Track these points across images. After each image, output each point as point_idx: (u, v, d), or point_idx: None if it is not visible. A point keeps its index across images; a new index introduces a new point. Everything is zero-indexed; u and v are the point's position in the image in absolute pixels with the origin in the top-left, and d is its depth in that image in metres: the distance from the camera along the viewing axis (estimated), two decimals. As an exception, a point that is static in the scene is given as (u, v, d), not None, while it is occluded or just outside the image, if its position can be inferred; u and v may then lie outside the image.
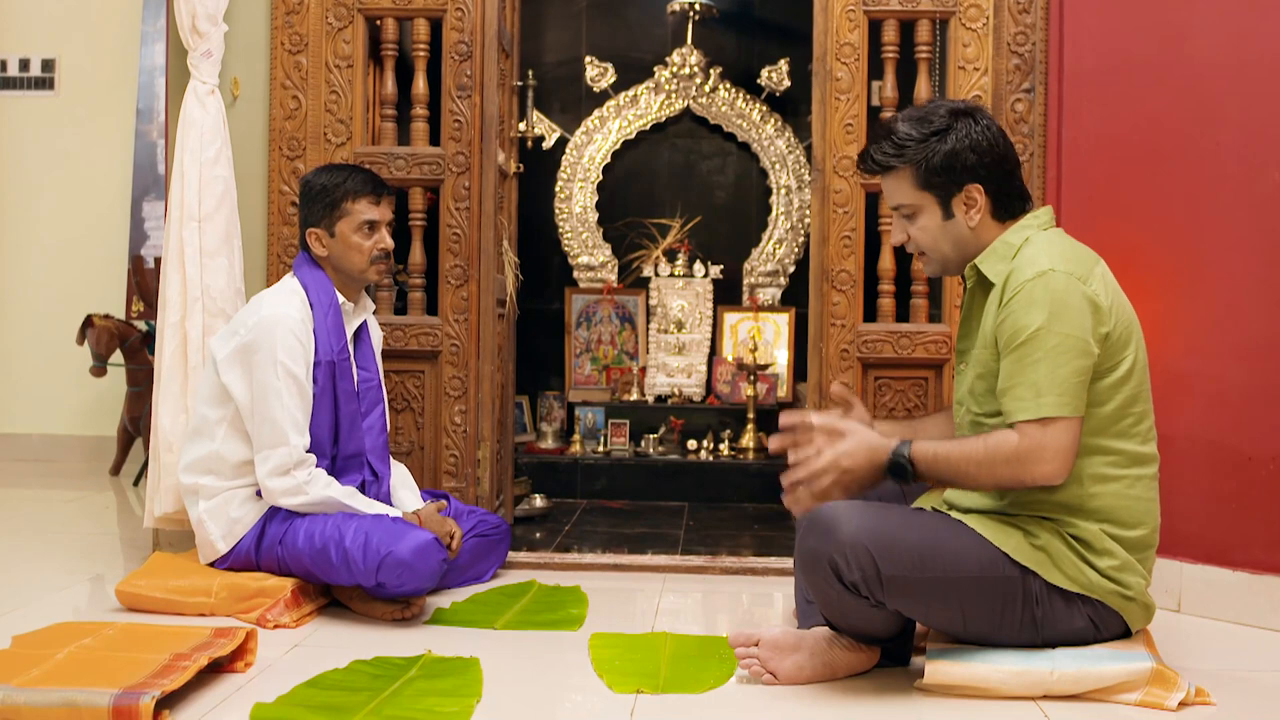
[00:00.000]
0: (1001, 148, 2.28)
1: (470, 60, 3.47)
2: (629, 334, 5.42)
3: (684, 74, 5.39)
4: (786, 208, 5.42)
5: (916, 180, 2.28)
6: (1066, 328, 2.14)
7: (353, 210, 2.96)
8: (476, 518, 3.18)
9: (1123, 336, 2.21)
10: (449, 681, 2.26)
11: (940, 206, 2.29)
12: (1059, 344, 2.13)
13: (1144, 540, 2.25)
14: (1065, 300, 2.14)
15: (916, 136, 2.26)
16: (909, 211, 2.33)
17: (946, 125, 2.26)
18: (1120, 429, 2.23)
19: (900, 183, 2.31)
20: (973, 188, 2.27)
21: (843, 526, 2.14)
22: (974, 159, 2.25)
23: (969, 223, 2.29)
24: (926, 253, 2.36)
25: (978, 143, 2.25)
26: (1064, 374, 2.13)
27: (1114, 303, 2.21)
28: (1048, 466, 2.14)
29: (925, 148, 2.26)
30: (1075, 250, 2.26)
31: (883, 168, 2.32)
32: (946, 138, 2.25)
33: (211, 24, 3.31)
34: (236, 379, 2.85)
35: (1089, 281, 2.18)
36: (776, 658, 2.27)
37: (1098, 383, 2.20)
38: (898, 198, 2.33)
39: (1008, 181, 2.30)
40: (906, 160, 2.28)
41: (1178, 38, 2.92)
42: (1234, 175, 2.83)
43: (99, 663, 2.15)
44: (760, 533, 4.02)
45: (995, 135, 2.28)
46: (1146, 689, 2.16)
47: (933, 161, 2.26)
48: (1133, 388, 2.23)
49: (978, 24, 3.37)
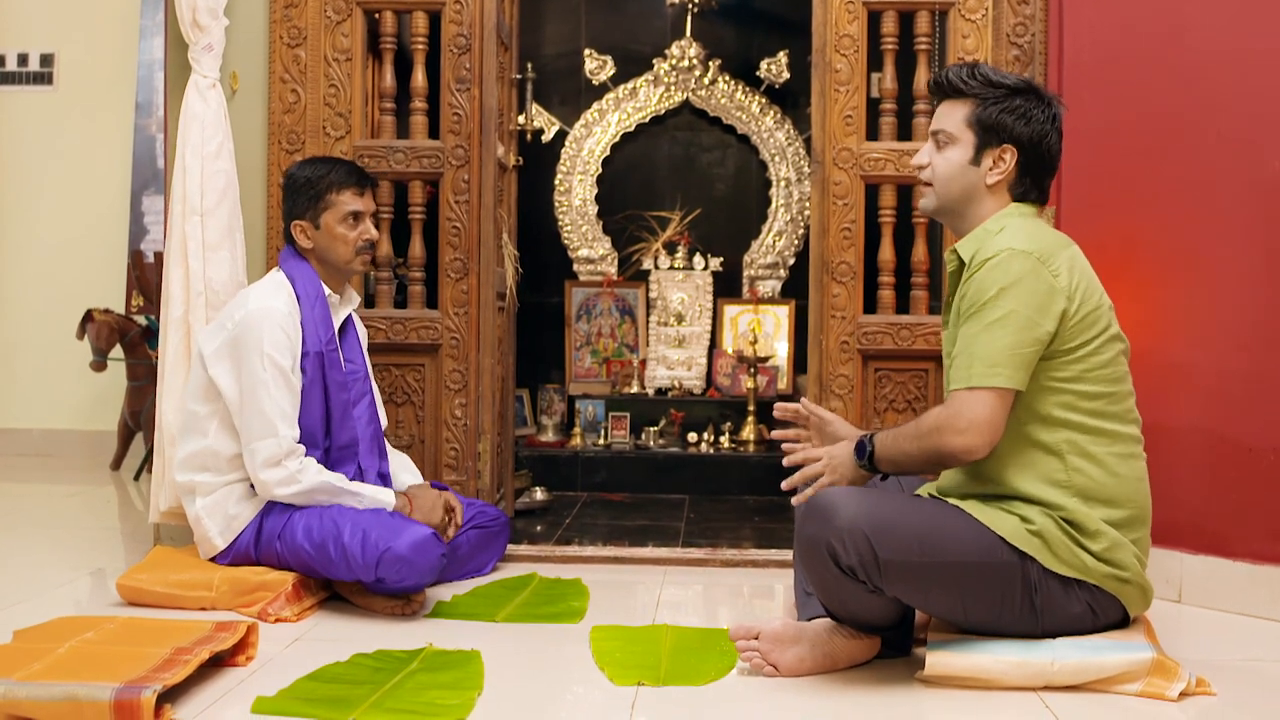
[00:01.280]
0: (1051, 139, 2.36)
1: (469, 53, 3.47)
2: (629, 327, 5.42)
3: (683, 66, 5.38)
4: (786, 200, 5.41)
5: (969, 115, 2.35)
6: (1012, 303, 2.18)
7: (337, 202, 2.96)
8: (476, 510, 3.18)
9: (1089, 317, 2.24)
10: (450, 674, 2.27)
11: (974, 149, 2.35)
12: (1002, 317, 2.18)
13: (1133, 520, 2.26)
14: (1019, 277, 2.20)
15: (994, 81, 2.35)
16: (946, 139, 2.38)
17: (1021, 88, 2.35)
18: (1098, 408, 2.25)
19: (955, 110, 2.37)
20: (1008, 149, 2.34)
21: (840, 511, 2.15)
22: (1024, 129, 2.33)
23: (988, 179, 2.35)
24: (935, 185, 2.41)
25: (1035, 118, 2.33)
26: (1000, 346, 2.17)
27: (1079, 284, 2.25)
28: (961, 438, 2.17)
29: (995, 93, 2.34)
30: (1044, 234, 2.31)
31: (951, 89, 2.39)
32: (1015, 97, 2.34)
33: (212, 18, 3.31)
34: (224, 373, 2.85)
35: (1050, 261, 2.22)
36: (777, 650, 2.27)
37: (1067, 360, 2.23)
38: (944, 122, 2.39)
39: (1040, 168, 2.36)
40: (973, 93, 2.35)
41: (1177, 28, 2.92)
42: (1234, 165, 2.83)
43: (100, 657, 2.15)
44: (761, 525, 4.02)
45: (1054, 127, 2.36)
46: (1148, 679, 2.16)
47: (991, 107, 2.33)
48: (1108, 366, 2.26)
49: (977, 15, 3.37)
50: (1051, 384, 2.23)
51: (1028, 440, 2.25)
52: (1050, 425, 2.24)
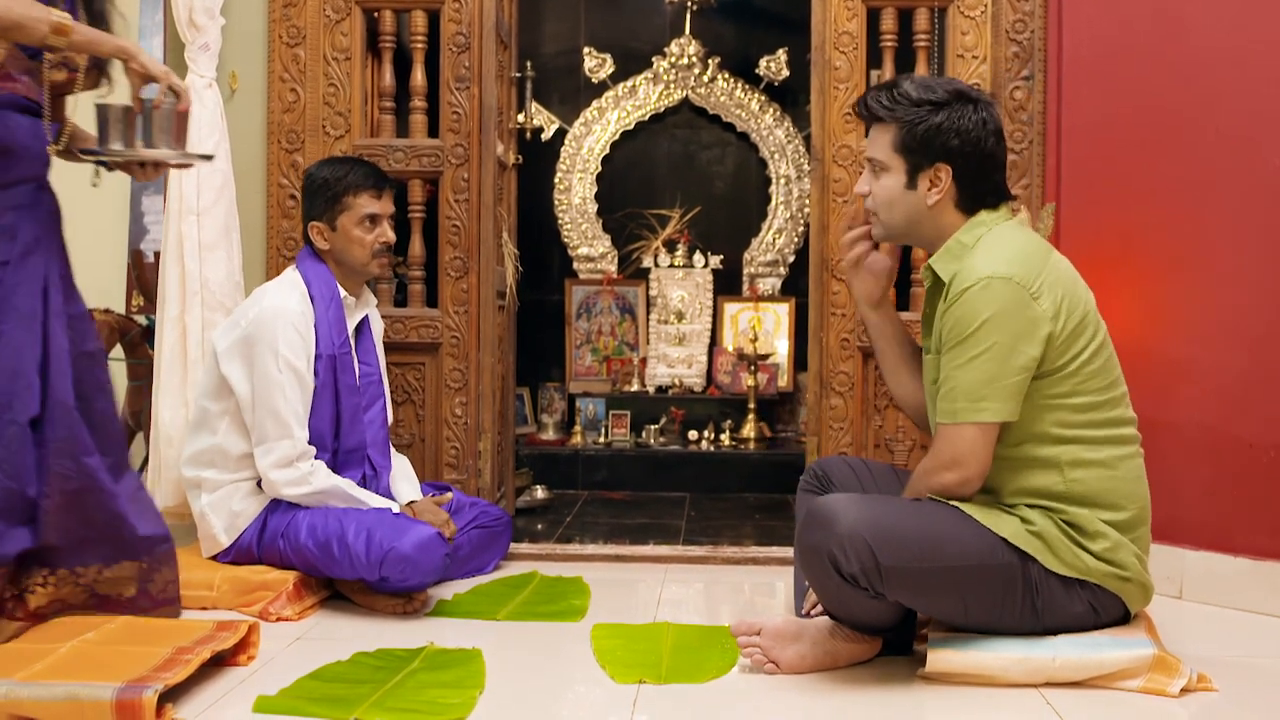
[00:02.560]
0: (987, 144, 2.28)
1: (468, 52, 3.46)
2: (629, 325, 5.42)
3: (682, 64, 5.38)
4: (786, 197, 5.41)
5: (895, 140, 2.29)
6: (995, 335, 2.16)
7: (354, 204, 2.96)
8: (478, 509, 3.18)
9: (1076, 329, 2.21)
10: (452, 673, 2.27)
11: (906, 174, 2.30)
12: (984, 351, 2.16)
13: (1133, 520, 2.26)
14: (1000, 308, 2.16)
15: (913, 99, 2.27)
16: (879, 167, 2.34)
17: (944, 101, 2.27)
18: (1091, 416, 2.24)
19: (882, 136, 2.32)
20: (942, 168, 2.27)
21: (841, 519, 2.14)
22: (955, 143, 2.26)
23: (928, 200, 2.29)
24: (879, 213, 2.37)
25: (964, 128, 2.25)
26: (981, 379, 2.16)
27: (1063, 301, 2.20)
28: (950, 473, 2.21)
29: (915, 113, 2.27)
30: (1023, 250, 2.24)
31: (872, 116, 2.34)
32: (939, 112, 2.26)
33: (209, 17, 3.31)
34: (236, 371, 2.85)
35: (1031, 283, 2.18)
36: (778, 647, 2.27)
37: (1058, 377, 2.21)
38: (874, 150, 2.34)
39: (981, 176, 2.30)
40: (894, 117, 2.29)
41: (1176, 23, 2.92)
42: (1234, 161, 2.82)
43: (102, 657, 2.15)
44: (762, 522, 4.03)
45: (986, 130, 2.27)
46: (1149, 675, 2.16)
47: (916, 129, 2.27)
48: (1101, 372, 2.24)
49: (976, 12, 3.37)
50: (1046, 402, 2.22)
51: (1025, 459, 2.24)
52: (1047, 442, 2.23)
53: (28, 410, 2.31)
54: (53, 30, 2.25)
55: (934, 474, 2.24)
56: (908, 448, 3.38)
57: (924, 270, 2.36)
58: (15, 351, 2.31)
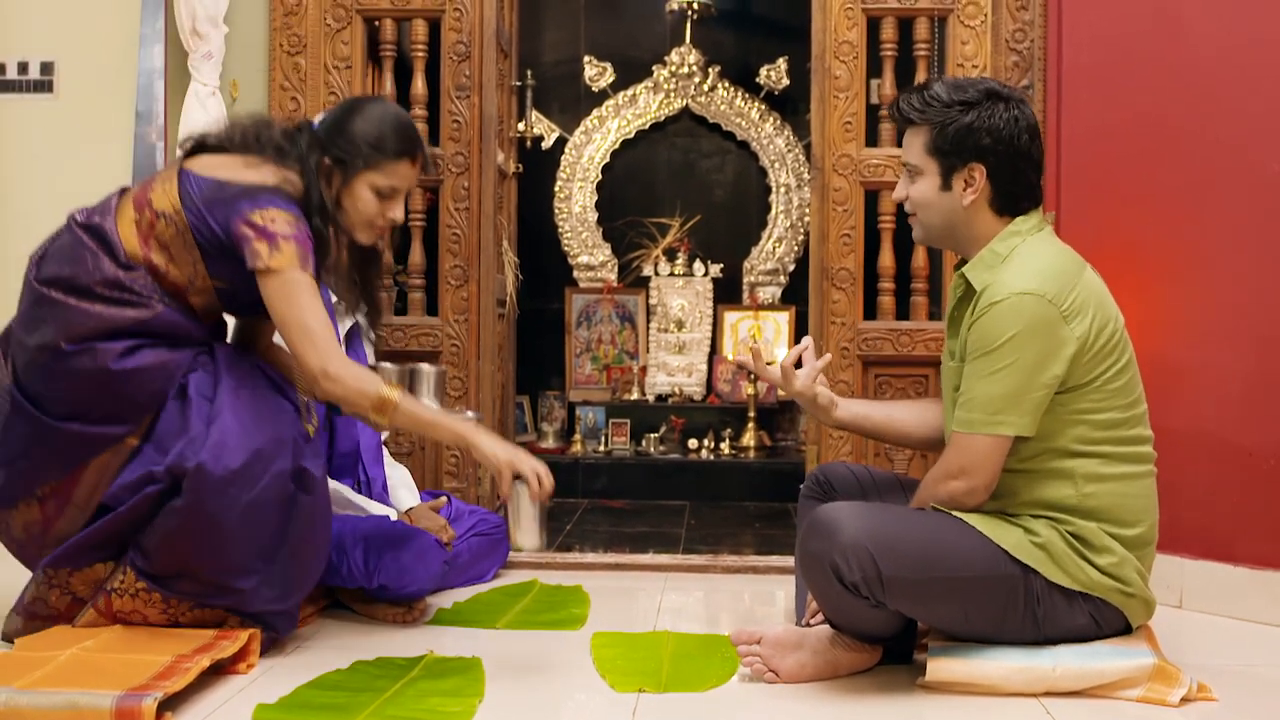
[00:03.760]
0: (1020, 141, 2.26)
1: (469, 60, 3.47)
2: (629, 333, 5.43)
3: (683, 73, 5.39)
4: (786, 206, 5.42)
5: (928, 143, 2.28)
6: (1018, 352, 2.15)
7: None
8: (477, 517, 3.18)
9: (1107, 345, 2.20)
10: (451, 681, 2.26)
11: (940, 176, 2.28)
12: (1007, 366, 2.15)
13: (1142, 537, 2.25)
14: (1027, 325, 2.15)
15: (944, 101, 2.26)
16: (914, 170, 2.33)
17: (975, 100, 2.25)
18: (1112, 433, 2.23)
19: (915, 139, 2.31)
20: (975, 167, 2.26)
21: (843, 528, 2.14)
22: (988, 141, 2.24)
23: (963, 201, 2.28)
24: (918, 215, 2.37)
25: (997, 127, 2.23)
26: (1001, 393, 2.15)
27: (1094, 319, 2.19)
28: (957, 482, 2.21)
29: (947, 114, 2.25)
30: (1056, 264, 2.23)
31: (904, 119, 2.33)
32: (970, 112, 2.24)
33: (212, 25, 3.32)
34: None
35: (1062, 301, 2.16)
36: (778, 656, 2.26)
37: (1083, 391, 2.20)
38: (909, 154, 2.33)
39: (1016, 175, 2.28)
40: (926, 120, 2.28)
41: (1176, 31, 2.92)
42: (1233, 168, 2.83)
43: (101, 665, 2.14)
44: (762, 531, 4.02)
45: (1020, 127, 2.25)
46: (1148, 685, 2.16)
47: (948, 130, 2.25)
48: (1124, 390, 2.24)
49: (976, 21, 3.37)
50: (1069, 416, 2.20)
51: (1041, 471, 2.23)
52: (1065, 455, 2.22)
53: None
54: (373, 407, 2.23)
55: (941, 482, 2.24)
56: (908, 456, 3.38)
57: (955, 277, 2.36)
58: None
